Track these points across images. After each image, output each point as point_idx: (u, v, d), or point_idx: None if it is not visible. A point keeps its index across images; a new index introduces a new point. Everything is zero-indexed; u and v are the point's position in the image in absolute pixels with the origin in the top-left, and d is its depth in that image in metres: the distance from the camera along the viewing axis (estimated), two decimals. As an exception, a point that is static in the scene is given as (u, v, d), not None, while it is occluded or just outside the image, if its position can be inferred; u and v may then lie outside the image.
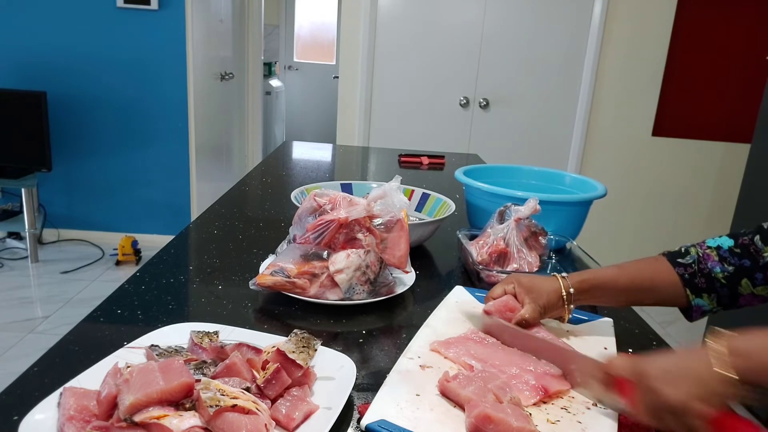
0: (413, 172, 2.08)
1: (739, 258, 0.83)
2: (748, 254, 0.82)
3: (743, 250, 0.83)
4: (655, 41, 3.41)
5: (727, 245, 0.84)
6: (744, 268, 0.82)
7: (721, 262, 0.83)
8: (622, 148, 3.60)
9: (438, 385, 0.69)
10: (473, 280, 1.09)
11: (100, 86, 3.45)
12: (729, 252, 0.83)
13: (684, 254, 0.84)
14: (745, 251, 0.83)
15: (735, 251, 0.83)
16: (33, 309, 2.81)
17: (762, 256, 0.82)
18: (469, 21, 3.44)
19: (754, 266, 0.82)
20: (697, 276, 0.82)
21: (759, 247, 0.82)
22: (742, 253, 0.83)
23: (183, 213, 3.69)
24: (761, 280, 0.82)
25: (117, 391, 0.56)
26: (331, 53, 7.13)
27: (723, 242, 0.85)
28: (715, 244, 0.85)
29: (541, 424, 0.65)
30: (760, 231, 0.83)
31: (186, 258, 1.14)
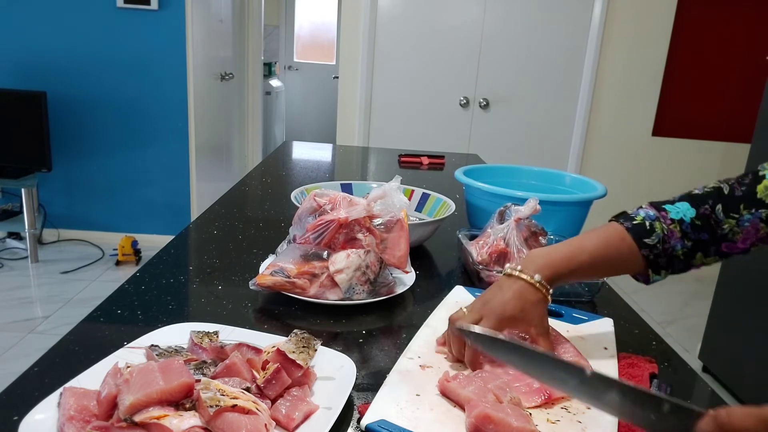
0: (413, 172, 2.08)
1: (699, 231, 0.80)
2: (708, 227, 0.80)
3: (704, 222, 0.80)
4: (655, 41, 3.41)
5: (689, 217, 0.81)
6: (701, 241, 0.81)
7: (682, 239, 0.81)
8: (622, 148, 3.61)
9: (438, 385, 0.69)
10: (473, 280, 1.09)
11: (100, 86, 3.45)
12: (691, 225, 0.81)
13: (649, 231, 0.80)
14: (705, 223, 0.80)
15: (696, 224, 0.80)
16: (33, 309, 2.81)
17: (721, 228, 0.80)
18: (469, 21, 3.44)
19: (711, 239, 0.80)
20: (660, 256, 0.80)
21: (719, 218, 0.80)
22: (702, 226, 0.80)
23: (183, 213, 3.69)
24: (713, 252, 0.81)
25: (117, 391, 0.56)
26: (331, 53, 7.13)
27: (685, 212, 0.81)
28: (677, 217, 0.81)
29: (541, 424, 0.65)
30: (720, 197, 0.80)
31: (186, 258, 1.14)
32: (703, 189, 0.83)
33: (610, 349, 0.83)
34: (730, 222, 0.79)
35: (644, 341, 0.89)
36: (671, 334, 3.04)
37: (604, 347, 0.84)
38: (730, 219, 0.79)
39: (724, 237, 0.80)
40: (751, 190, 0.79)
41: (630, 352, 0.84)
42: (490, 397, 0.64)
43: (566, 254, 0.79)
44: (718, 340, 2.59)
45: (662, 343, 0.89)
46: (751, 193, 0.79)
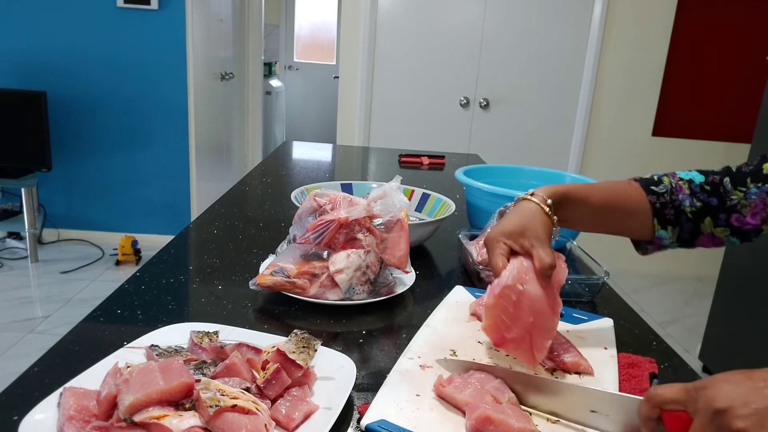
0: (413, 172, 2.08)
1: (708, 195, 0.82)
2: (717, 193, 0.82)
3: (713, 188, 0.82)
4: (655, 41, 3.41)
5: (698, 180, 0.83)
6: (710, 206, 0.82)
7: (691, 197, 0.82)
8: (623, 148, 3.61)
9: (434, 390, 0.68)
10: (473, 280, 1.09)
11: (100, 86, 3.45)
12: (700, 187, 0.82)
13: (657, 182, 0.82)
14: (714, 190, 0.82)
15: (705, 188, 0.82)
16: (33, 309, 2.81)
17: (729, 198, 0.81)
18: (470, 21, 3.44)
19: (720, 206, 0.81)
20: (667, 207, 0.81)
21: (728, 189, 0.81)
22: (711, 191, 0.82)
23: (183, 213, 3.69)
24: (723, 221, 0.82)
25: (117, 391, 0.56)
26: (331, 53, 7.13)
27: (694, 176, 0.83)
28: (687, 177, 0.83)
29: (541, 424, 0.65)
30: (729, 173, 0.83)
31: (186, 258, 1.14)
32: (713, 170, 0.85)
33: (610, 349, 0.83)
34: (738, 194, 0.80)
35: (644, 341, 0.89)
36: (671, 334, 3.04)
37: (604, 347, 0.84)
38: (738, 191, 0.80)
39: (733, 208, 0.81)
40: (758, 167, 0.81)
41: (630, 352, 0.84)
42: (488, 399, 0.64)
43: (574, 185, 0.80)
44: (718, 340, 2.59)
45: (662, 343, 0.89)
46: (758, 170, 0.80)
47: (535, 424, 0.64)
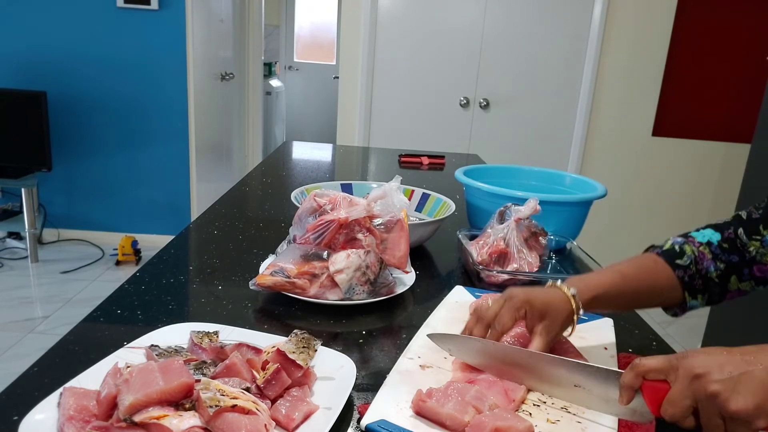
0: (413, 172, 2.08)
1: (728, 254, 0.82)
2: (736, 249, 0.82)
3: (730, 245, 0.82)
4: (655, 41, 3.41)
5: (716, 240, 0.83)
6: (733, 264, 0.82)
7: (714, 261, 0.82)
8: (623, 148, 3.60)
9: (412, 406, 0.65)
10: (473, 280, 1.09)
11: (100, 86, 3.45)
12: (719, 248, 0.82)
13: (680, 254, 0.82)
14: (732, 246, 0.82)
15: (724, 246, 0.82)
16: (33, 309, 2.81)
17: (748, 251, 0.81)
18: (470, 21, 3.44)
19: (742, 262, 0.82)
20: (695, 278, 0.81)
21: (744, 241, 0.82)
22: (730, 249, 0.82)
23: (183, 213, 3.69)
24: (747, 275, 0.82)
25: (117, 391, 0.56)
26: (331, 53, 7.13)
27: (711, 237, 0.83)
28: (705, 240, 0.83)
29: (541, 424, 0.65)
30: (740, 222, 0.83)
31: (186, 258, 1.14)
32: (723, 220, 0.85)
33: (610, 349, 0.83)
34: (755, 244, 0.81)
35: (644, 341, 0.89)
36: (671, 334, 3.04)
37: (604, 347, 0.84)
38: (754, 241, 0.81)
39: (754, 260, 0.81)
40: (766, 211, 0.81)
41: (630, 352, 0.84)
42: (470, 410, 0.63)
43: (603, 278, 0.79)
44: (718, 340, 2.59)
45: (662, 343, 0.89)
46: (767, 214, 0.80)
47: (534, 424, 0.64)
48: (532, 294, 0.75)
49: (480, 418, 0.61)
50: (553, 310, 0.75)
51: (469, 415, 0.62)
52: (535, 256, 1.09)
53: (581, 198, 1.29)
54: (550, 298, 0.76)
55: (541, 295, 0.76)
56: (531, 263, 1.07)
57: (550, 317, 0.74)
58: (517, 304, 0.74)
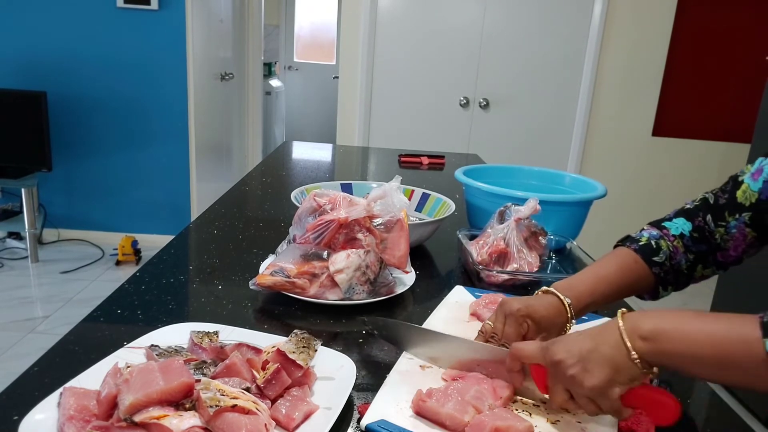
0: (413, 172, 2.09)
1: (698, 243, 0.84)
2: (704, 239, 0.83)
3: (700, 234, 0.84)
4: (655, 41, 3.41)
5: (687, 230, 0.84)
6: (701, 253, 0.84)
7: (685, 253, 0.84)
8: (622, 148, 3.60)
9: (412, 406, 0.65)
10: (473, 280, 1.09)
11: (100, 86, 3.45)
12: (690, 239, 0.84)
13: (656, 251, 0.82)
14: (701, 235, 0.84)
15: (694, 236, 0.84)
16: (33, 309, 2.81)
17: (714, 238, 0.83)
18: (469, 21, 3.44)
19: (709, 250, 0.84)
20: (669, 273, 0.83)
21: (711, 228, 0.83)
22: (699, 238, 0.84)
23: (183, 213, 3.69)
24: (711, 262, 0.84)
25: (117, 391, 0.56)
26: (331, 53, 7.13)
27: (683, 227, 0.84)
28: (677, 232, 0.84)
29: (541, 424, 0.65)
30: (708, 208, 0.84)
31: (186, 258, 1.14)
32: (693, 203, 0.86)
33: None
34: (720, 231, 0.82)
35: (644, 341, 0.89)
36: (671, 334, 3.03)
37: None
38: (719, 228, 0.82)
39: (718, 246, 0.83)
40: (732, 196, 0.82)
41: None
42: (470, 410, 0.63)
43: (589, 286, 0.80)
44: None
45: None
46: (733, 199, 0.81)
47: (534, 424, 0.64)
48: (531, 308, 0.77)
49: (480, 417, 0.61)
50: (551, 323, 0.77)
51: (468, 415, 0.62)
52: (535, 256, 1.09)
53: (581, 198, 1.29)
54: (548, 311, 0.77)
55: (540, 309, 0.77)
56: (531, 263, 1.07)
57: (548, 329, 0.77)
58: (519, 319, 0.76)
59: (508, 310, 0.76)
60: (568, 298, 0.78)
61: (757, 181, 0.79)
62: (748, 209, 0.79)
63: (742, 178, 0.82)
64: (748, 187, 0.80)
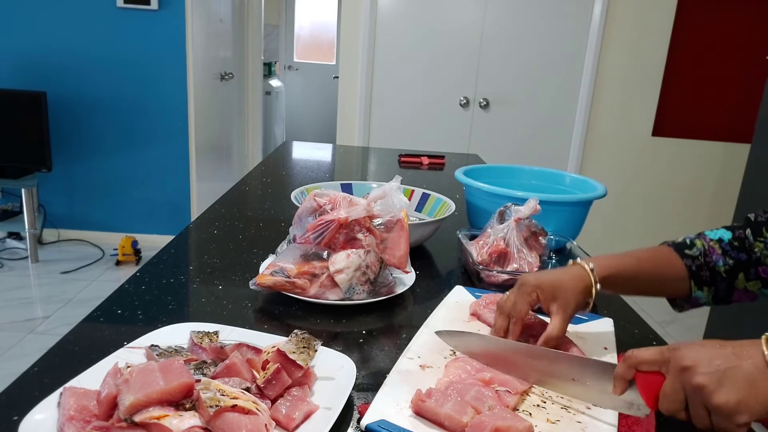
0: (413, 172, 2.09)
1: (738, 251, 0.84)
2: (744, 248, 0.84)
3: (740, 244, 0.85)
4: (655, 41, 3.41)
5: (727, 238, 0.85)
6: (741, 262, 0.84)
7: (723, 256, 0.84)
8: (622, 148, 3.60)
9: (411, 406, 0.65)
10: (473, 280, 1.09)
11: (100, 86, 3.45)
12: (729, 245, 0.85)
13: (690, 246, 0.84)
14: (741, 245, 0.85)
15: (734, 244, 0.85)
16: (33, 309, 2.81)
17: (753, 251, 0.83)
18: (470, 21, 3.44)
19: (749, 260, 0.84)
20: (702, 269, 0.83)
21: (750, 241, 0.84)
22: (740, 247, 0.84)
23: (183, 213, 3.68)
24: (753, 275, 0.84)
25: (117, 391, 0.56)
26: (331, 53, 7.13)
27: (723, 235, 0.86)
28: (716, 237, 0.86)
29: (541, 424, 0.65)
30: (749, 224, 0.85)
31: (186, 258, 1.14)
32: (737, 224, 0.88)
33: (610, 349, 0.83)
34: (759, 245, 0.83)
35: (644, 341, 0.89)
36: (671, 334, 3.04)
37: (604, 347, 0.84)
38: (758, 242, 0.83)
39: (759, 260, 0.83)
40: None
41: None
42: (469, 411, 0.63)
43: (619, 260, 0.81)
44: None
45: (662, 343, 0.89)
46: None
47: (534, 424, 0.64)
48: (542, 277, 0.79)
49: (480, 418, 0.61)
50: (564, 288, 0.77)
51: (468, 415, 0.62)
52: (535, 256, 1.09)
53: (581, 198, 1.29)
54: (560, 278, 0.78)
55: (550, 277, 0.79)
56: (531, 263, 1.07)
57: (562, 295, 0.77)
58: (528, 289, 0.78)
59: (520, 282, 0.79)
60: (591, 263, 0.78)
61: None
62: None
63: None
64: None
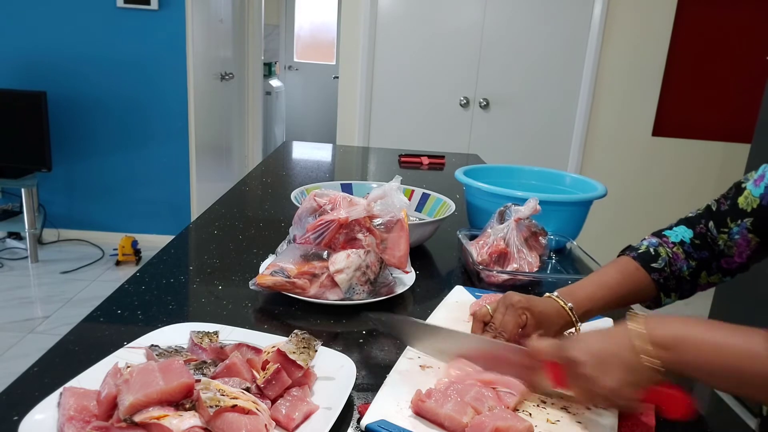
0: (413, 172, 2.08)
1: (699, 250, 0.84)
2: (706, 245, 0.84)
3: (702, 241, 0.84)
4: (655, 41, 3.41)
5: (688, 237, 0.85)
6: (703, 260, 0.84)
7: (686, 260, 0.84)
8: (622, 148, 3.60)
9: (411, 406, 0.65)
10: (473, 280, 1.09)
11: (100, 86, 3.45)
12: (691, 245, 0.85)
13: (655, 257, 0.84)
14: (703, 242, 0.84)
15: (695, 243, 0.84)
16: (33, 309, 2.80)
17: (717, 244, 0.83)
18: (470, 21, 3.44)
19: (711, 256, 0.84)
20: (669, 279, 0.84)
21: (714, 234, 0.83)
22: (701, 245, 0.84)
23: (183, 213, 3.68)
24: (715, 269, 0.85)
25: (117, 391, 0.56)
26: (331, 53, 7.13)
27: (683, 235, 0.85)
28: (677, 239, 0.85)
29: (541, 424, 0.65)
30: (711, 215, 0.85)
31: (186, 258, 1.14)
32: (696, 211, 0.88)
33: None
34: (723, 237, 0.83)
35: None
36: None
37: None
38: (722, 234, 0.83)
39: (722, 253, 0.84)
40: (734, 202, 0.83)
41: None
42: (469, 411, 0.63)
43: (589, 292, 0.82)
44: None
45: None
46: (734, 205, 0.82)
47: (534, 424, 0.64)
48: (532, 302, 0.78)
49: (480, 418, 0.61)
50: (549, 321, 0.78)
51: (467, 416, 0.62)
52: (535, 256, 1.09)
53: (581, 198, 1.29)
54: (548, 309, 0.79)
55: (540, 305, 0.79)
56: (531, 263, 1.07)
57: (545, 326, 0.78)
58: (519, 310, 0.77)
59: (509, 301, 0.78)
60: (570, 302, 0.79)
61: (759, 187, 0.80)
62: (750, 215, 0.80)
63: (745, 185, 0.82)
64: (750, 192, 0.81)
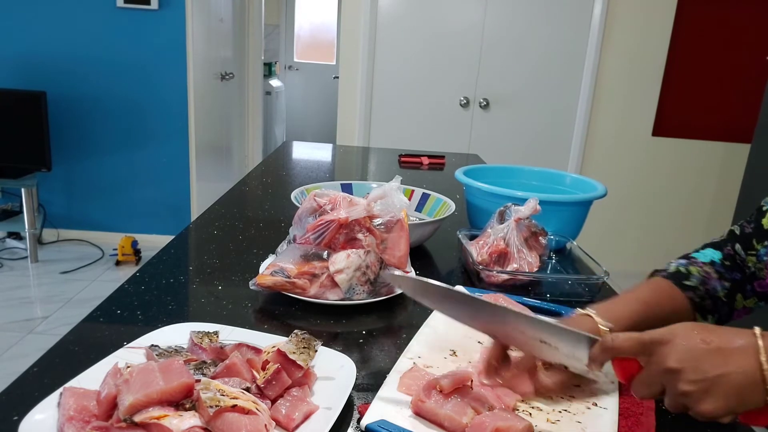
0: (413, 172, 2.08)
1: (731, 271, 0.83)
2: (737, 266, 0.83)
3: (732, 262, 0.83)
4: (655, 41, 3.41)
5: (718, 258, 0.83)
6: (737, 282, 0.82)
7: (720, 280, 0.82)
8: (622, 148, 3.60)
9: (411, 406, 0.65)
10: (473, 280, 1.09)
11: (100, 86, 3.45)
12: (722, 266, 0.83)
13: (687, 275, 0.81)
14: (733, 263, 0.83)
15: (726, 264, 0.83)
16: (33, 309, 2.80)
17: (747, 266, 0.82)
18: (470, 21, 3.44)
19: (744, 278, 0.82)
20: (705, 299, 0.81)
21: (743, 257, 0.82)
22: (732, 266, 0.83)
23: (183, 213, 3.68)
24: (750, 292, 0.83)
25: (117, 391, 0.56)
26: (331, 53, 7.13)
27: (712, 256, 0.84)
28: (707, 259, 0.83)
29: (541, 424, 0.65)
30: (735, 238, 0.83)
31: (186, 258, 1.14)
32: (720, 237, 0.86)
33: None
34: (751, 258, 0.81)
35: (644, 341, 0.89)
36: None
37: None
38: (750, 255, 0.81)
39: (754, 275, 0.82)
40: (758, 224, 0.81)
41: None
42: (469, 412, 0.63)
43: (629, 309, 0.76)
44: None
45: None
46: (759, 227, 0.81)
47: (534, 424, 0.64)
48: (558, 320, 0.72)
49: (480, 418, 0.61)
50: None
51: (467, 416, 0.62)
52: (535, 256, 1.09)
53: (581, 198, 1.29)
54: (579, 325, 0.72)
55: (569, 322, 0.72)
56: (531, 263, 1.07)
57: None
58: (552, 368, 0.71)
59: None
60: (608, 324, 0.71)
61: None
62: None
63: (766, 207, 0.81)
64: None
